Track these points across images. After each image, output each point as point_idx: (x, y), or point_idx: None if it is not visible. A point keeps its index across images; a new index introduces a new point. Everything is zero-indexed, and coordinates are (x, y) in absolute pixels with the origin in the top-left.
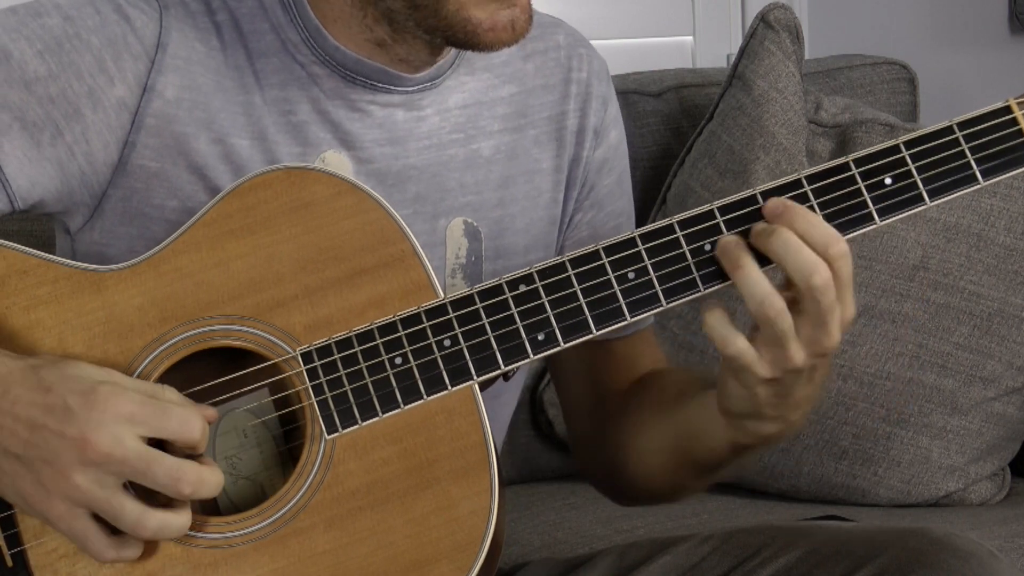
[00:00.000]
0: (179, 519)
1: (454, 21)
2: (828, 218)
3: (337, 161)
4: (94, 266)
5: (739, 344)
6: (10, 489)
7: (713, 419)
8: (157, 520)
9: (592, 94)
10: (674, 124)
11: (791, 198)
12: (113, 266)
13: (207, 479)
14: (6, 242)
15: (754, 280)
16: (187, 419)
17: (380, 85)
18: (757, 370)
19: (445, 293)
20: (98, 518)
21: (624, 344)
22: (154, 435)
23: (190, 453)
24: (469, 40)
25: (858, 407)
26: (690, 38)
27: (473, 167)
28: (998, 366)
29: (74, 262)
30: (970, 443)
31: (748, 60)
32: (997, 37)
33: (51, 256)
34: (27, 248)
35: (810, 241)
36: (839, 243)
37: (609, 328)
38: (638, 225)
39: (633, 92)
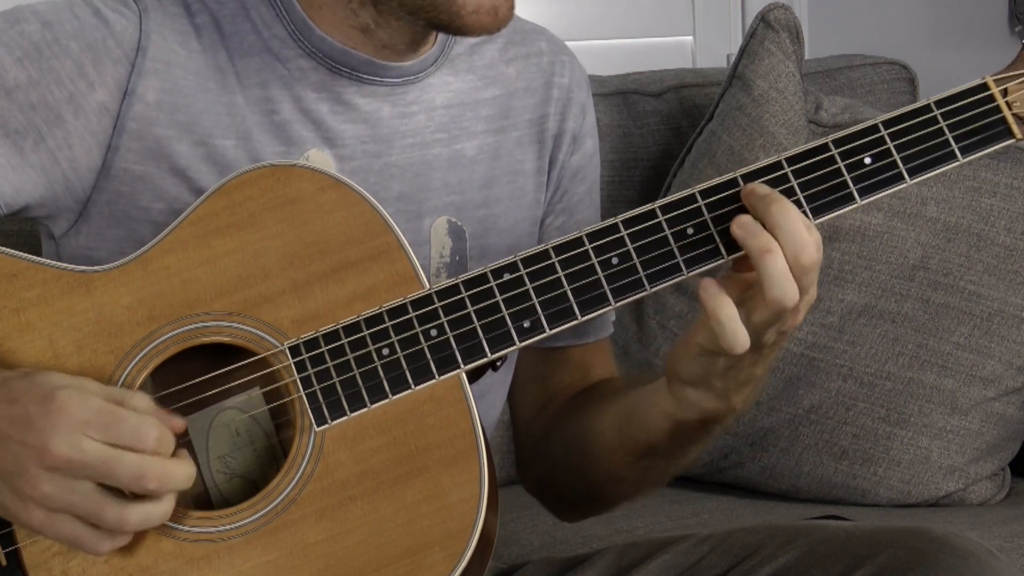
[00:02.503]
0: (160, 507)
1: (439, 1)
2: (809, 199)
3: (320, 159)
4: (83, 267)
5: (728, 311)
6: None
7: (654, 392)
8: (138, 513)
9: (573, 100)
10: (674, 124)
11: (771, 180)
12: (101, 267)
13: (172, 472)
14: None
15: (783, 264)
16: (140, 428)
17: (365, 77)
18: (732, 341)
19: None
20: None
21: (581, 351)
22: (107, 442)
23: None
24: (452, 21)
25: (858, 407)
26: (690, 38)
27: (457, 167)
28: (998, 366)
29: (63, 264)
30: (970, 443)
31: (748, 60)
32: (997, 37)
33: (39, 259)
34: (14, 251)
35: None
36: (812, 235)
37: (594, 314)
38: None
39: (633, 92)
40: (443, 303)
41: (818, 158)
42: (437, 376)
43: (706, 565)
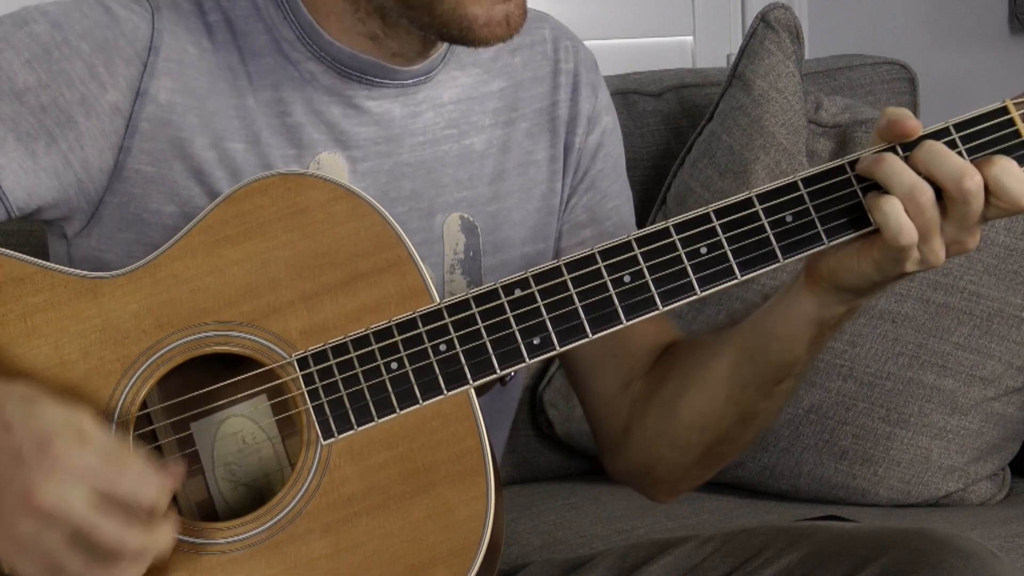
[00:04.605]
0: (161, 539)
1: (449, 18)
2: (825, 220)
3: (332, 162)
4: (90, 273)
5: (893, 203)
6: None
7: (789, 308)
8: (130, 552)
9: (581, 82)
10: (674, 124)
11: (786, 201)
12: (109, 273)
13: (150, 545)
14: (2, 249)
15: (947, 155)
16: (143, 477)
17: (375, 80)
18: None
19: (444, 289)
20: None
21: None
22: (107, 492)
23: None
24: (464, 36)
25: (858, 407)
26: (690, 38)
27: (467, 162)
28: (998, 366)
29: (70, 269)
30: (970, 443)
31: (748, 60)
32: (997, 37)
33: (47, 263)
34: (23, 255)
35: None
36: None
37: (605, 332)
38: (638, 224)
39: (633, 92)
40: (453, 318)
41: (836, 179)
42: (445, 392)
43: (709, 566)
